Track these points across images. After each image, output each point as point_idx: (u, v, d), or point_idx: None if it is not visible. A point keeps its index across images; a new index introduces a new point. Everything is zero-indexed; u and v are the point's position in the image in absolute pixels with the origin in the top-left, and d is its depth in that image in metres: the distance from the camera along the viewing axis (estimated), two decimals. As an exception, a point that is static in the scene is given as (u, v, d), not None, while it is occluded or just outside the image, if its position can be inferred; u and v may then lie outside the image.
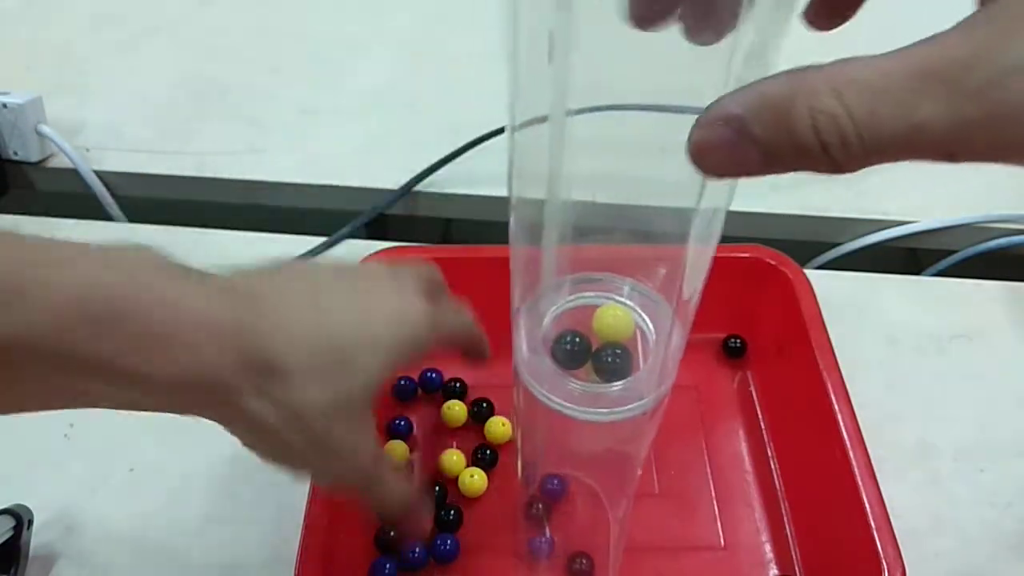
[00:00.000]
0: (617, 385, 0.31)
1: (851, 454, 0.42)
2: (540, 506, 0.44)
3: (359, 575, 0.43)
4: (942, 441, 0.50)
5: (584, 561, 0.43)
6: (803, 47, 0.23)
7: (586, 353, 0.31)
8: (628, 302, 0.32)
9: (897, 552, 0.39)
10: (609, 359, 0.31)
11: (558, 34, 0.23)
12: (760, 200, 0.61)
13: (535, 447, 0.39)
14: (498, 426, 0.49)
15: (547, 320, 0.32)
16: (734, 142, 0.20)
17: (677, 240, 0.28)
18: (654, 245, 0.31)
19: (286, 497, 0.46)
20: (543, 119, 0.26)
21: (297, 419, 0.30)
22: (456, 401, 0.50)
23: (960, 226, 0.61)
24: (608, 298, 0.32)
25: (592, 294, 0.32)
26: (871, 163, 0.20)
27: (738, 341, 0.53)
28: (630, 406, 0.31)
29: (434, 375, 0.51)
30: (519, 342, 0.33)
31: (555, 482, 0.45)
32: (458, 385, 0.51)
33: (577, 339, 0.31)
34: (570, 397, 0.31)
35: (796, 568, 0.44)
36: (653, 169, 0.25)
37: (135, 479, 0.47)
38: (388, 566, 0.43)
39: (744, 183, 0.23)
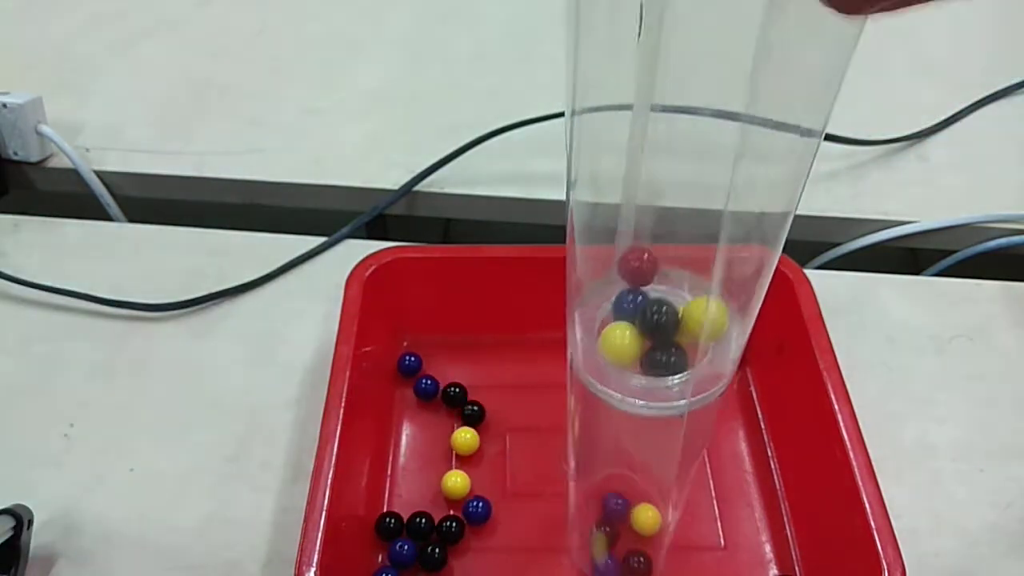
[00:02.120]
0: (673, 380, 0.31)
1: (851, 454, 0.42)
2: (607, 529, 0.43)
3: (360, 575, 0.43)
4: (942, 441, 0.50)
5: (641, 559, 0.43)
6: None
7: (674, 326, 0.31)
8: (688, 297, 0.31)
9: (897, 552, 0.39)
10: (662, 356, 0.31)
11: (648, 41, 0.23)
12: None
13: (588, 446, 0.39)
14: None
15: (604, 309, 0.32)
16: None
17: (741, 241, 0.28)
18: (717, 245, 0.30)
19: (286, 497, 0.46)
20: (605, 115, 0.25)
21: None
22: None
23: (960, 226, 0.61)
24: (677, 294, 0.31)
25: (664, 287, 0.32)
26: None
27: (738, 341, 0.53)
28: (680, 402, 0.31)
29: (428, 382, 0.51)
30: (574, 334, 0.32)
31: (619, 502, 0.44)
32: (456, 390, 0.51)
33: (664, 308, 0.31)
34: (623, 389, 0.31)
35: (796, 568, 0.44)
36: (718, 174, 0.25)
37: (135, 479, 0.48)
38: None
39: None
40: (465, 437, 0.48)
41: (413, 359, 0.52)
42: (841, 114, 0.26)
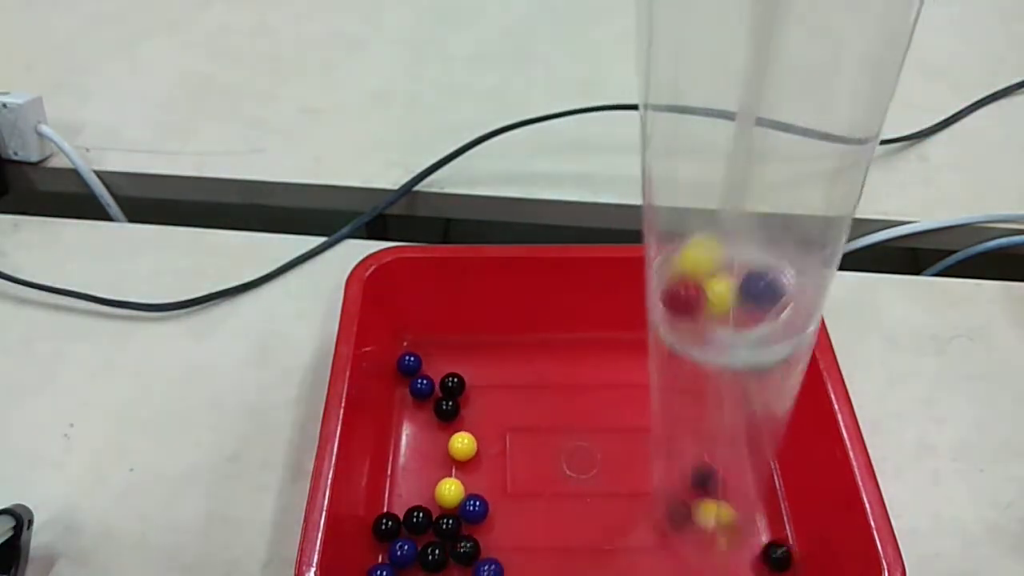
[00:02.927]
0: (759, 329, 0.31)
1: (851, 454, 0.42)
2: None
3: (359, 575, 0.43)
4: (942, 441, 0.50)
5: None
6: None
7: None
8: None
9: (897, 552, 0.39)
10: (760, 281, 0.31)
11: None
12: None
13: (675, 425, 0.39)
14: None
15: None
16: None
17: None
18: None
19: (286, 497, 0.46)
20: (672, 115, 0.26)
21: None
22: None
23: (960, 226, 0.61)
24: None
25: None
26: None
27: (738, 341, 0.53)
28: (772, 347, 0.32)
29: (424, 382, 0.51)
30: (654, 295, 0.32)
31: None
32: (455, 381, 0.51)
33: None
34: (704, 342, 0.31)
35: (796, 568, 0.44)
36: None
37: (135, 479, 0.48)
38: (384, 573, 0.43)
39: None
40: (463, 442, 0.48)
41: (413, 359, 0.52)
42: (841, 114, 0.27)
